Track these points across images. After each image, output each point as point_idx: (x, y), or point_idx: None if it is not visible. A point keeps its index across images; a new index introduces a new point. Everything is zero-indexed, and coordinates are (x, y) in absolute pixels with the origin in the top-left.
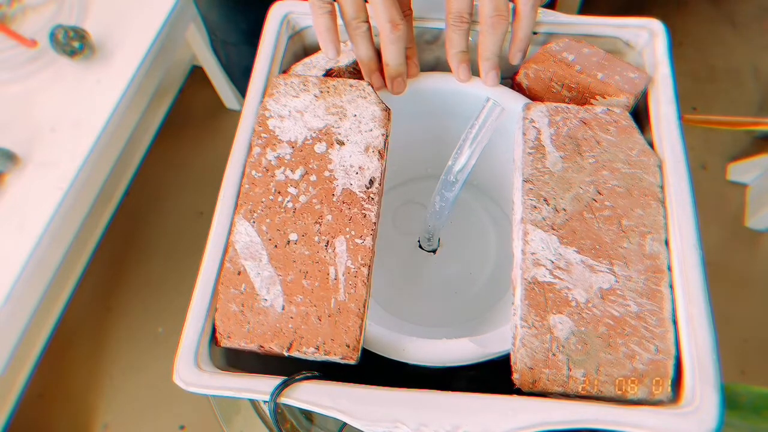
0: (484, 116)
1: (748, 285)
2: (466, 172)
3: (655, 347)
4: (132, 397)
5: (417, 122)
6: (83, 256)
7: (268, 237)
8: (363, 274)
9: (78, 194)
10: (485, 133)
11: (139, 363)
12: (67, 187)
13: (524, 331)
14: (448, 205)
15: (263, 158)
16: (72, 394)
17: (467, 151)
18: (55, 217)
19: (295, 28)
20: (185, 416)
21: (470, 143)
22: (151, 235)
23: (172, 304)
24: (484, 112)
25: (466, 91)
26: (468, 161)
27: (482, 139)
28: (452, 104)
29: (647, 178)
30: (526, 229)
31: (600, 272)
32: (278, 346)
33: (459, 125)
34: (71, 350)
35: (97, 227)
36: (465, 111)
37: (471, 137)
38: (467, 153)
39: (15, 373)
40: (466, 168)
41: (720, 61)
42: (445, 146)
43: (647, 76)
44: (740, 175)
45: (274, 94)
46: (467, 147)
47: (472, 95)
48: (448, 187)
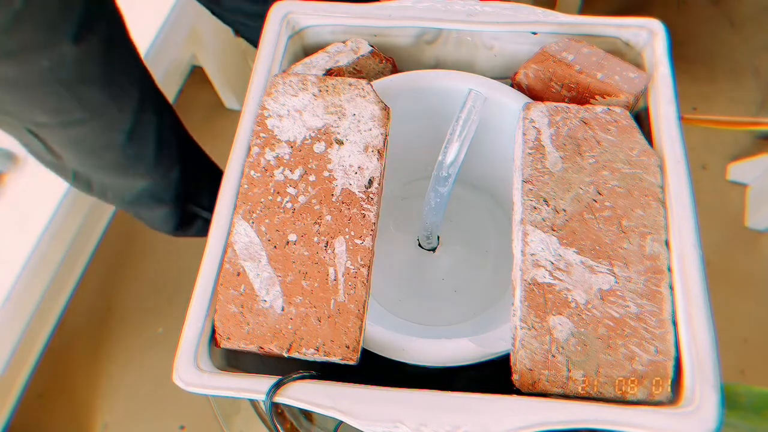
0: (468, 108)
1: (748, 285)
2: (457, 165)
3: (655, 348)
4: (132, 397)
5: (416, 122)
6: (83, 256)
7: (268, 238)
8: (362, 275)
9: (78, 194)
10: (471, 125)
11: (139, 363)
12: (68, 187)
13: (524, 332)
14: (443, 201)
15: (262, 158)
16: (72, 394)
17: (455, 145)
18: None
19: (294, 28)
20: (185, 416)
21: (458, 136)
22: (151, 235)
23: (172, 304)
24: (468, 103)
25: (465, 90)
26: (458, 154)
27: (469, 130)
28: (452, 103)
29: (648, 178)
30: (526, 230)
31: (600, 273)
32: (278, 347)
33: None
34: (71, 350)
35: (97, 227)
36: None
37: (458, 130)
38: (456, 146)
39: (15, 373)
40: (456, 162)
41: (720, 61)
42: None
43: (647, 76)
44: (740, 175)
45: (272, 93)
46: (455, 140)
47: None
48: (441, 183)
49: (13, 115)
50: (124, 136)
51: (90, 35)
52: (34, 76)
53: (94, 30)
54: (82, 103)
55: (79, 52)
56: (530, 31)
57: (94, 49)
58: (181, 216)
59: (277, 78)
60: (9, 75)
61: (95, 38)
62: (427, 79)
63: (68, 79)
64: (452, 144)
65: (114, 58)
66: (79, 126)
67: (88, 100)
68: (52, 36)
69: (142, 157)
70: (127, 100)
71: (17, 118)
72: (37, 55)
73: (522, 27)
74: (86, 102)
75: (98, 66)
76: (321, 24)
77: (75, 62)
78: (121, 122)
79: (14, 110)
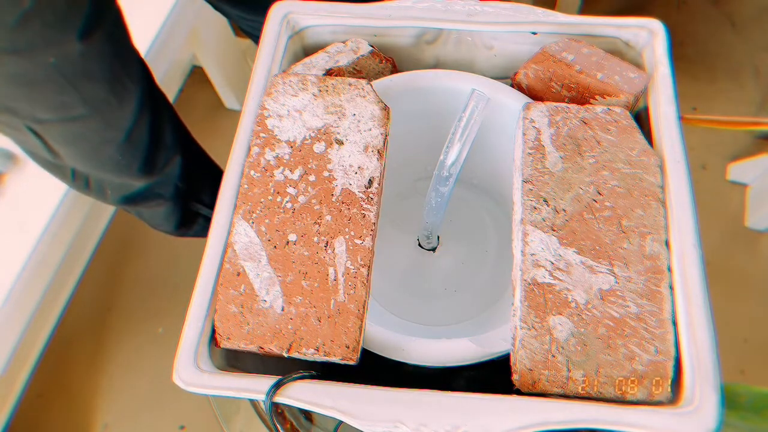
0: (471, 108)
1: (748, 285)
2: (458, 166)
3: (655, 348)
4: (132, 397)
5: (416, 122)
6: (83, 256)
7: (267, 237)
8: (362, 275)
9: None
10: (473, 125)
11: (139, 363)
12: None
13: (524, 332)
14: (444, 201)
15: (262, 158)
16: (72, 394)
17: (457, 145)
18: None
19: (294, 28)
20: (185, 416)
21: (459, 136)
22: (151, 236)
23: (172, 304)
24: (470, 104)
25: (465, 90)
26: (459, 155)
27: (471, 131)
28: (452, 103)
29: (648, 178)
30: (526, 230)
31: (600, 273)
32: (278, 347)
33: None
34: (71, 350)
35: (96, 227)
36: None
37: (460, 130)
38: (458, 147)
39: (15, 373)
40: (458, 162)
41: (720, 61)
42: None
43: (647, 76)
44: (740, 175)
45: (272, 93)
46: (457, 141)
47: None
48: (442, 183)
49: (14, 112)
50: (124, 134)
51: (95, 32)
52: (40, 72)
53: (99, 27)
54: (84, 98)
55: (85, 48)
56: (530, 31)
57: (98, 46)
58: (182, 214)
59: (277, 78)
60: (15, 71)
61: (100, 35)
62: (427, 79)
63: (72, 75)
64: (454, 144)
65: (117, 56)
66: (80, 122)
67: (90, 96)
68: (59, 33)
69: (141, 155)
70: (128, 98)
71: (19, 116)
72: (44, 51)
73: (522, 27)
74: (89, 98)
75: (102, 63)
76: (321, 24)
77: (80, 58)
78: (122, 119)
79: (17, 106)
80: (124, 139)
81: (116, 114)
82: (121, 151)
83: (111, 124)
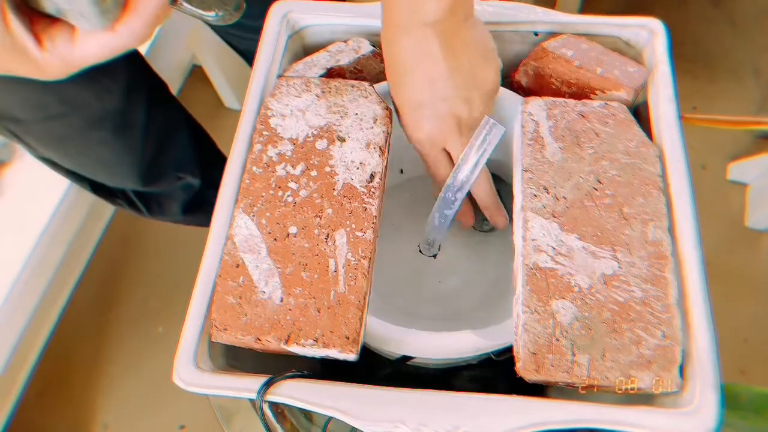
0: (483, 135)
1: (748, 285)
2: (464, 191)
3: (662, 333)
4: (132, 397)
5: None
6: (83, 256)
7: (268, 230)
8: (363, 267)
9: (78, 194)
10: (485, 154)
11: (139, 362)
12: (67, 186)
13: (526, 316)
14: (447, 222)
15: (264, 155)
16: (72, 394)
17: (466, 170)
18: (55, 217)
19: (294, 28)
20: (185, 416)
21: (469, 162)
22: (151, 235)
23: (172, 303)
24: (483, 130)
25: None
26: (467, 180)
27: (481, 159)
28: None
29: (647, 168)
30: (527, 217)
31: (602, 258)
32: (275, 338)
33: None
34: (71, 350)
35: (96, 227)
36: None
37: (470, 156)
38: (466, 171)
39: (15, 373)
40: (464, 187)
41: (720, 60)
42: None
43: (646, 71)
44: (740, 174)
45: (276, 94)
46: (466, 166)
47: None
48: (447, 205)
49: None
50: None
51: None
52: None
53: None
54: (62, 99)
55: None
56: (531, 31)
57: None
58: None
59: (281, 80)
60: None
61: None
62: None
63: None
64: (462, 168)
65: None
66: (59, 120)
67: (69, 96)
68: None
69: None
70: (109, 98)
71: None
72: None
73: (522, 26)
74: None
75: None
76: (321, 23)
77: None
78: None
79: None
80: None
81: (98, 113)
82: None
83: (94, 123)
